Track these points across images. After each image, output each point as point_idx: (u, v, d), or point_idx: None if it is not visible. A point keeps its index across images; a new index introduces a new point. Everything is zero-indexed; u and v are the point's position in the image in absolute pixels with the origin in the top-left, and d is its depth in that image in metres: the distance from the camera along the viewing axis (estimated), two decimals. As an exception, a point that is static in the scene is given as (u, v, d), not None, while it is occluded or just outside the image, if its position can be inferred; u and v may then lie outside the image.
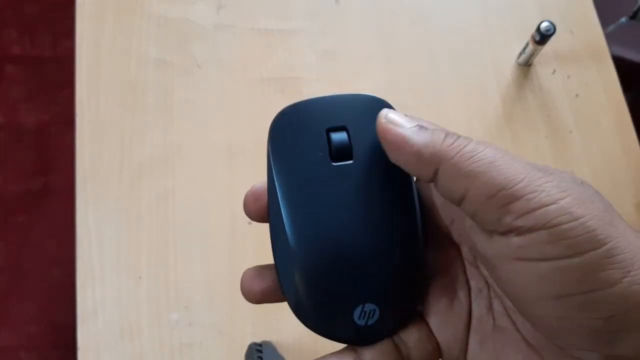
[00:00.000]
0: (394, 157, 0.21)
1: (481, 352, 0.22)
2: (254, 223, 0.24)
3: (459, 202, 0.20)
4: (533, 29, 0.51)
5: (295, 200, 0.22)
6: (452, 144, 0.19)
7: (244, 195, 0.23)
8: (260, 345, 0.44)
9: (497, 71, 0.56)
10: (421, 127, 0.20)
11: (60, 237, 1.05)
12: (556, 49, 0.56)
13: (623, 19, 0.73)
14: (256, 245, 0.48)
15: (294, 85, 0.54)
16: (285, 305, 0.23)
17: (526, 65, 0.56)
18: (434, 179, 0.20)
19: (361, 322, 0.22)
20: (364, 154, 0.22)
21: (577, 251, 0.17)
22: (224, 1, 0.56)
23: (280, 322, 0.46)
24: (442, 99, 0.55)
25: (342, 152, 0.22)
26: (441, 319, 0.23)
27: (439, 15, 0.57)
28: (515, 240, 0.18)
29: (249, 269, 0.23)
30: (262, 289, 0.23)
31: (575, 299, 0.18)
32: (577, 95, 0.55)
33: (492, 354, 0.22)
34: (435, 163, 0.19)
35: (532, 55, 0.53)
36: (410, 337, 0.22)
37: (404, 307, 0.22)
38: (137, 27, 0.55)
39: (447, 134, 0.20)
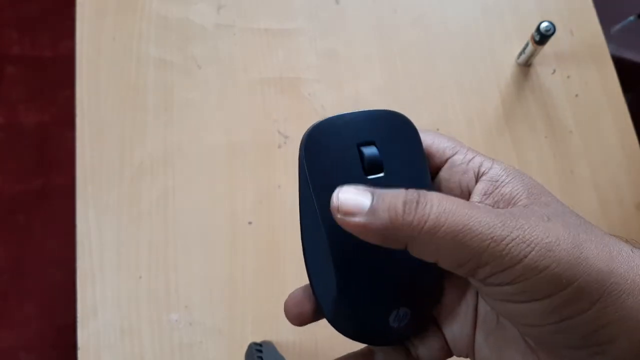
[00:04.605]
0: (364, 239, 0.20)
1: (486, 347, 0.23)
2: (254, 223, 0.24)
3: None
4: (533, 29, 0.51)
5: None
6: (412, 221, 0.18)
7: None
8: (260, 345, 0.44)
9: (497, 71, 0.56)
10: (374, 209, 0.19)
11: (60, 237, 1.05)
12: (556, 49, 0.56)
13: (631, 18, 0.72)
14: (256, 245, 0.48)
15: (294, 85, 0.54)
16: (285, 305, 0.23)
17: (526, 66, 0.56)
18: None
19: (395, 325, 0.23)
20: (392, 167, 0.23)
21: (543, 296, 0.18)
22: (224, 1, 0.56)
23: (280, 322, 0.46)
24: (442, 99, 0.55)
25: (375, 165, 0.23)
26: (450, 315, 0.24)
27: (439, 15, 0.57)
28: (485, 289, 0.20)
29: (294, 292, 0.24)
30: (313, 309, 0.23)
31: (547, 328, 0.19)
32: (577, 95, 0.55)
33: (496, 348, 0.23)
34: (402, 240, 0.19)
35: (532, 55, 0.53)
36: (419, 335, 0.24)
37: (429, 307, 0.24)
38: (137, 27, 0.55)
39: (405, 205, 0.19)
